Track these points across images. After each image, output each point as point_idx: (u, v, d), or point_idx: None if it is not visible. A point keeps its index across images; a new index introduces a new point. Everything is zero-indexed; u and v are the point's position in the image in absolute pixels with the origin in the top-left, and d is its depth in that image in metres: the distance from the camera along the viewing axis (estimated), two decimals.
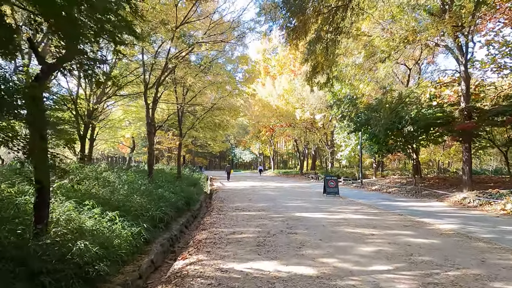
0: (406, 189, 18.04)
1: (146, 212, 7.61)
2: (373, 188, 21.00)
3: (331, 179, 16.75)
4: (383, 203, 13.81)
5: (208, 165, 64.56)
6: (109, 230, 5.73)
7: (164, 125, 21.84)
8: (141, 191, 9.48)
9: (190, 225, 10.71)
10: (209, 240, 6.97)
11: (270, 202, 13.78)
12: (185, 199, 11.30)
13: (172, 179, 15.16)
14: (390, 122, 17.06)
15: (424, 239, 6.99)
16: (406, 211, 11.35)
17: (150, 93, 12.33)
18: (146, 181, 11.53)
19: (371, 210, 11.55)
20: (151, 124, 11.66)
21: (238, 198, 15.50)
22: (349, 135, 25.01)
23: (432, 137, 18.79)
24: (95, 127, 22.39)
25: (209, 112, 21.60)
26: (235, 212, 10.95)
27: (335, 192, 16.51)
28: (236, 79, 20.05)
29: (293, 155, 67.86)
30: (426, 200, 14.84)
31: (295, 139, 42.91)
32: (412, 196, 16.40)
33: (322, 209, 11.53)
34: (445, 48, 15.94)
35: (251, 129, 44.65)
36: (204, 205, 15.99)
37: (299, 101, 31.51)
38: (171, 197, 10.05)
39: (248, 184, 25.14)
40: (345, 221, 9.16)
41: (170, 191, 10.89)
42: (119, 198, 7.93)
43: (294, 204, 13.24)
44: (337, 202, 13.99)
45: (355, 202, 13.86)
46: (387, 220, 9.41)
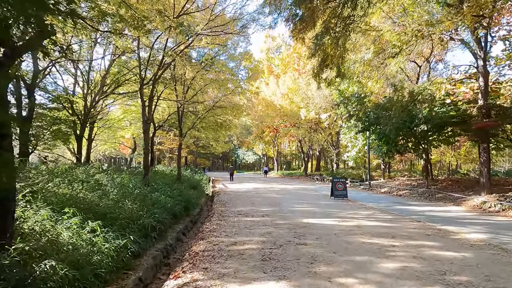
0: (418, 192, 17.10)
1: (137, 220, 6.77)
2: (382, 190, 20.05)
3: (339, 181, 15.85)
4: (396, 207, 12.89)
5: (211, 166, 63.80)
6: (89, 243, 4.90)
7: (164, 125, 21.03)
8: (134, 195, 8.65)
9: (189, 232, 9.86)
10: (207, 252, 6.12)
11: (275, 206, 12.92)
12: (184, 203, 10.46)
13: (171, 182, 14.35)
14: (401, 121, 16.15)
15: (454, 252, 6.10)
16: (423, 216, 10.43)
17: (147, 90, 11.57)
18: (141, 184, 10.72)
19: (385, 215, 10.64)
20: (147, 122, 10.85)
21: (241, 201, 14.65)
22: (356, 135, 24.09)
23: (444, 137, 17.84)
24: (93, 127, 21.72)
25: (211, 112, 20.80)
26: (237, 217, 10.09)
27: (344, 195, 15.62)
28: (239, 77, 19.22)
29: (297, 156, 66.95)
30: (442, 204, 13.89)
31: (299, 139, 42.01)
32: (426, 200, 15.45)
33: (332, 215, 10.65)
34: (461, 42, 15.00)
35: (255, 130, 43.79)
36: (206, 209, 15.16)
37: (303, 100, 30.62)
38: (167, 201, 9.21)
39: (251, 186, 24.28)
40: (359, 229, 8.27)
41: (167, 195, 10.06)
42: (108, 203, 7.11)
43: (300, 208, 12.36)
44: (346, 206, 13.10)
45: (365, 206, 12.96)
46: (406, 227, 8.51)
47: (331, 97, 28.50)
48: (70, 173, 9.84)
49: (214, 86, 18.68)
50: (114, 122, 22.92)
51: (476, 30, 12.76)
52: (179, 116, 17.33)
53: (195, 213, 11.88)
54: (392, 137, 16.60)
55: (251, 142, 57.25)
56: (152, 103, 11.45)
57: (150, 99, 10.99)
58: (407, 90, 16.19)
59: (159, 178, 13.68)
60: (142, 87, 10.82)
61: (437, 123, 14.83)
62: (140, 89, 10.70)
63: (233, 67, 19.33)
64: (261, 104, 35.30)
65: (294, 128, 34.05)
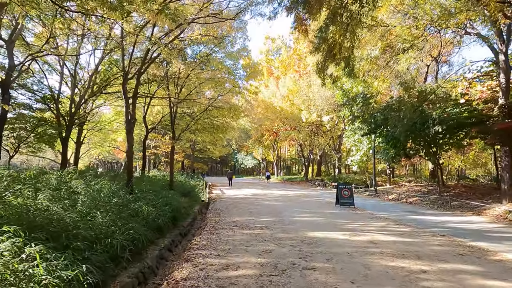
0: (430, 199, 15.81)
1: (105, 238, 5.47)
2: (390, 197, 18.74)
3: (345, 187, 14.56)
4: (410, 217, 11.58)
5: (209, 171, 62.42)
6: (25, 278, 3.60)
7: (157, 127, 19.76)
8: (111, 205, 7.35)
9: (177, 247, 8.54)
10: (190, 281, 4.82)
11: (275, 215, 11.61)
12: (171, 214, 9.15)
13: (161, 188, 13.03)
14: (411, 123, 14.91)
15: (503, 281, 4.80)
16: (445, 229, 9.13)
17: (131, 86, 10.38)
18: (124, 191, 9.42)
19: (401, 228, 9.33)
20: (131, 121, 9.58)
21: (238, 209, 13.35)
22: (360, 139, 22.83)
23: (456, 139, 16.56)
24: (82, 129, 20.45)
25: (207, 113, 19.55)
26: (232, 230, 8.79)
27: (350, 203, 14.32)
28: (236, 76, 17.99)
29: (297, 161, 65.60)
30: (459, 213, 12.59)
31: (299, 143, 40.71)
32: (440, 208, 14.15)
33: (340, 226, 9.34)
34: (477, 36, 13.83)
35: (253, 133, 42.46)
36: (199, 218, 13.85)
37: (304, 102, 29.39)
38: (150, 212, 7.90)
39: (250, 192, 22.96)
40: (375, 245, 6.97)
41: (151, 204, 8.76)
42: (73, 217, 5.81)
43: (304, 218, 11.06)
44: (354, 216, 11.79)
45: (376, 216, 11.65)
46: (430, 244, 7.21)
47: (333, 98, 27.30)
48: (41, 179, 8.56)
49: (210, 85, 17.46)
50: (104, 124, 21.62)
51: (498, 21, 11.56)
52: (172, 117, 16.07)
53: (186, 224, 10.55)
54: (402, 139, 15.34)
55: (250, 146, 55.93)
56: (136, 100, 10.19)
57: (134, 96, 9.74)
58: (418, 89, 14.97)
59: (147, 184, 12.37)
60: (126, 82, 9.57)
61: (451, 125, 13.57)
62: (123, 84, 9.45)
63: (230, 65, 18.11)
64: (260, 106, 34.03)
65: (295, 132, 32.79)
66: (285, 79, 33.26)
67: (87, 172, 16.11)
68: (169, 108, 16.01)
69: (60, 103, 17.57)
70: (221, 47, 15.99)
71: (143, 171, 19.76)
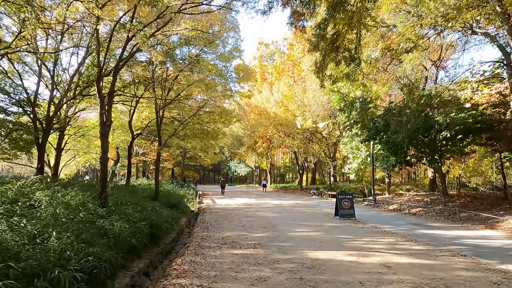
0: (435, 210, 14.77)
1: (53, 268, 4.25)
2: (391, 208, 17.68)
3: (345, 198, 13.45)
4: (419, 231, 10.50)
5: (201, 179, 60.95)
6: None
7: (143, 133, 18.52)
8: (74, 222, 6.13)
9: (157, 268, 7.30)
10: None
11: (270, 229, 10.43)
12: (151, 230, 7.93)
13: (144, 199, 11.77)
14: (414, 129, 13.94)
15: None
16: (463, 247, 8.04)
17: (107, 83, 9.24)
18: (96, 203, 8.17)
19: (413, 245, 8.22)
20: (106, 124, 8.38)
21: (229, 222, 12.14)
22: (358, 146, 21.84)
23: (458, 146, 15.63)
24: (63, 135, 19.11)
25: (197, 118, 18.40)
26: (220, 249, 7.58)
27: (351, 215, 13.21)
28: (228, 78, 16.89)
29: (290, 169, 64.56)
30: (471, 227, 11.54)
31: (294, 151, 39.66)
32: (448, 220, 13.10)
33: (345, 244, 8.20)
34: (485, 36, 13.01)
35: (246, 140, 41.29)
36: (187, 231, 12.60)
37: (299, 108, 28.40)
38: (123, 230, 6.67)
39: (243, 202, 21.73)
40: (390, 270, 5.84)
41: (127, 219, 7.53)
42: (16, 240, 4.59)
43: (302, 233, 9.90)
44: (358, 230, 10.66)
45: (382, 231, 10.53)
46: (454, 267, 6.10)
47: (329, 104, 26.41)
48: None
49: (200, 89, 16.34)
50: (87, 130, 20.28)
51: (511, 18, 10.71)
52: (158, 121, 14.88)
53: (170, 240, 9.30)
54: (405, 146, 14.34)
55: (243, 153, 54.74)
56: (112, 99, 9.00)
57: (110, 95, 8.57)
58: (422, 93, 14.05)
59: (127, 195, 11.10)
60: (101, 79, 8.40)
61: (458, 130, 12.60)
62: (97, 81, 8.29)
63: (222, 67, 16.99)
64: (254, 112, 32.98)
65: (289, 138, 31.74)
66: (279, 84, 32.31)
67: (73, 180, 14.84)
68: (155, 112, 14.81)
69: (38, 106, 16.30)
70: (212, 47, 14.92)
71: (128, 180, 18.43)
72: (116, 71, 8.48)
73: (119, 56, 8.47)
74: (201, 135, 18.69)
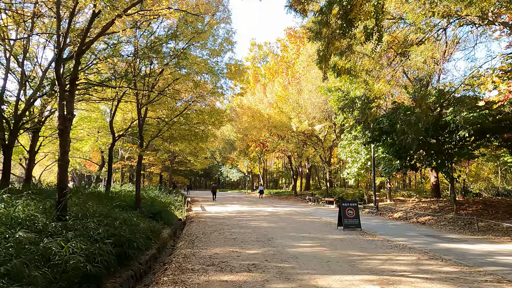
0: (447, 219, 13.41)
1: None
2: (396, 215, 16.29)
3: (349, 206, 11.99)
4: (440, 245, 9.07)
5: (192, 185, 59.04)
6: None
7: (126, 134, 16.89)
8: (2, 246, 4.53)
9: None
10: None
11: (267, 244, 8.90)
12: (118, 249, 6.33)
13: (116, 208, 10.11)
14: (424, 128, 12.61)
15: None
16: (504, 268, 6.59)
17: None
18: (53, 216, 6.56)
19: (442, 265, 6.75)
20: (67, 117, 6.80)
21: (219, 235, 10.57)
22: (357, 149, 20.49)
23: (467, 149, 14.35)
24: (38, 136, 17.35)
25: (186, 118, 16.84)
26: (206, 274, 6.02)
27: (356, 225, 11.75)
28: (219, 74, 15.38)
29: (284, 174, 63.09)
30: (495, 239, 10.16)
31: (288, 155, 38.22)
32: (465, 230, 11.72)
33: (359, 265, 6.70)
34: (504, 26, 11.82)
35: (239, 143, 39.70)
36: (170, 245, 11.00)
37: (294, 110, 27.00)
38: (77, 252, 5.08)
39: (235, 209, 20.15)
40: None
41: (87, 236, 5.94)
42: None
43: (305, 249, 8.38)
44: (368, 244, 9.19)
45: (396, 245, 9.07)
46: None
47: (325, 105, 25.07)
48: None
49: (187, 86, 14.81)
50: None
51: None
52: (140, 120, 13.30)
53: (146, 259, 7.68)
54: (413, 148, 12.98)
55: (235, 158, 53.11)
56: (75, 88, 7.40)
57: (72, 83, 7.00)
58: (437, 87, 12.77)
59: (98, 204, 9.46)
60: (61, 62, 6.83)
61: (475, 130, 11.28)
62: (56, 65, 6.73)
63: (212, 64, 15.47)
64: (246, 114, 31.45)
65: (284, 141, 30.30)
66: (273, 85, 30.90)
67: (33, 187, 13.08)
68: (137, 110, 13.23)
69: (5, 103, 14.59)
70: (201, 38, 13.43)
71: (109, 186, 16.74)
72: (79, 52, 6.90)
73: (84, 34, 6.91)
74: (189, 137, 17.10)
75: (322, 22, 10.37)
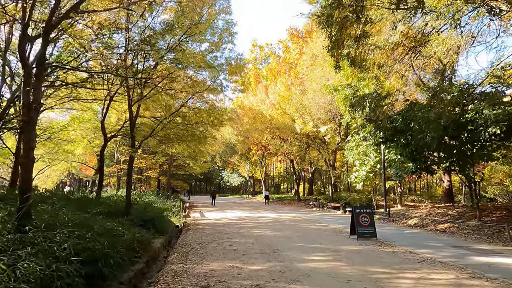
0: (470, 226, 12.13)
1: None
2: (410, 222, 15.00)
3: (363, 213, 10.72)
4: (474, 259, 7.79)
5: (192, 190, 57.73)
6: None
7: (118, 134, 15.71)
8: None
9: None
10: None
11: (272, 257, 7.64)
12: (91, 267, 5.10)
13: (97, 215, 8.84)
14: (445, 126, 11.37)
15: None
16: None
17: None
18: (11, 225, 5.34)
19: (488, 286, 5.51)
20: (33, 107, 5.62)
21: (217, 245, 9.32)
22: (365, 151, 19.24)
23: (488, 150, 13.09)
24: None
25: (183, 118, 15.69)
26: None
27: (371, 234, 10.49)
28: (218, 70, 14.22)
29: (286, 178, 61.73)
30: None
31: (291, 159, 36.93)
32: (493, 240, 10.44)
33: (387, 286, 5.45)
34: None
35: (240, 147, 38.42)
36: (163, 256, 9.75)
37: (298, 111, 25.79)
38: (27, 273, 3.86)
39: (236, 216, 18.88)
40: None
41: (49, 253, 4.72)
42: None
43: (317, 263, 7.12)
44: (390, 257, 7.91)
45: (423, 258, 7.78)
46: None
47: (330, 106, 23.86)
48: None
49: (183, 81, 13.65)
50: (53, 132, 17.30)
51: None
52: (131, 119, 12.12)
53: (129, 277, 6.43)
54: (433, 147, 11.74)
55: (236, 163, 51.83)
56: (43, 71, 6.21)
57: (40, 65, 5.84)
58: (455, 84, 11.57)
59: (80, 210, 8.23)
60: (25, 41, 5.67)
61: (508, 127, 10.02)
62: (19, 44, 5.57)
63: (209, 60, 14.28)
64: (247, 115, 30.24)
65: (287, 143, 29.05)
66: (275, 85, 29.69)
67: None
68: (128, 107, 12.05)
69: None
70: (198, 29, 12.28)
71: (100, 190, 15.49)
72: (47, 29, 5.72)
73: (53, 6, 5.74)
74: (186, 137, 15.89)
75: (333, 5, 9.26)
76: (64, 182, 55.77)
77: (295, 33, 34.79)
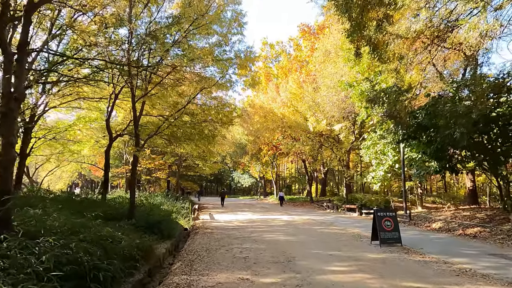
0: (504, 232, 11.01)
1: None
2: (434, 226, 13.91)
3: (386, 216, 9.76)
4: None
5: (202, 190, 57.17)
6: None
7: (123, 133, 15.07)
8: None
9: None
10: None
11: (287, 268, 6.77)
12: (79, 281, 4.35)
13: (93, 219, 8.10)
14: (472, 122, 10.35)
15: None
16: None
17: None
18: None
19: None
20: (13, 96, 4.91)
21: (226, 252, 8.51)
22: (383, 150, 18.19)
23: None
24: (30, 137, 15.70)
25: (191, 116, 14.97)
26: None
27: (396, 239, 9.52)
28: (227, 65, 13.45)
29: (297, 179, 60.61)
30: None
31: (303, 159, 35.92)
32: None
33: None
34: None
35: (250, 147, 37.60)
36: (168, 263, 8.98)
37: (311, 109, 24.82)
38: None
39: (246, 218, 18.07)
40: None
41: (25, 267, 3.98)
42: None
43: (338, 275, 6.23)
44: (421, 267, 6.95)
45: (459, 269, 6.80)
46: None
47: (344, 103, 22.83)
48: None
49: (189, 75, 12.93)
50: (59, 131, 16.77)
51: None
52: (135, 116, 11.42)
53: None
54: (463, 144, 10.70)
55: (247, 163, 51.05)
56: (25, 55, 5.49)
57: (21, 49, 5.13)
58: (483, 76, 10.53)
59: (75, 214, 7.53)
60: (5, 20, 4.95)
61: None
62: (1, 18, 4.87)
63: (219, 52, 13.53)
64: (258, 113, 29.38)
65: (299, 143, 28.10)
66: (286, 83, 28.77)
67: None
68: (132, 103, 11.36)
69: None
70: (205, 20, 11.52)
71: (105, 191, 14.87)
72: (29, 8, 5.00)
73: None
74: (194, 136, 15.15)
75: None
76: (76, 183, 55.91)
77: (306, 30, 33.83)
